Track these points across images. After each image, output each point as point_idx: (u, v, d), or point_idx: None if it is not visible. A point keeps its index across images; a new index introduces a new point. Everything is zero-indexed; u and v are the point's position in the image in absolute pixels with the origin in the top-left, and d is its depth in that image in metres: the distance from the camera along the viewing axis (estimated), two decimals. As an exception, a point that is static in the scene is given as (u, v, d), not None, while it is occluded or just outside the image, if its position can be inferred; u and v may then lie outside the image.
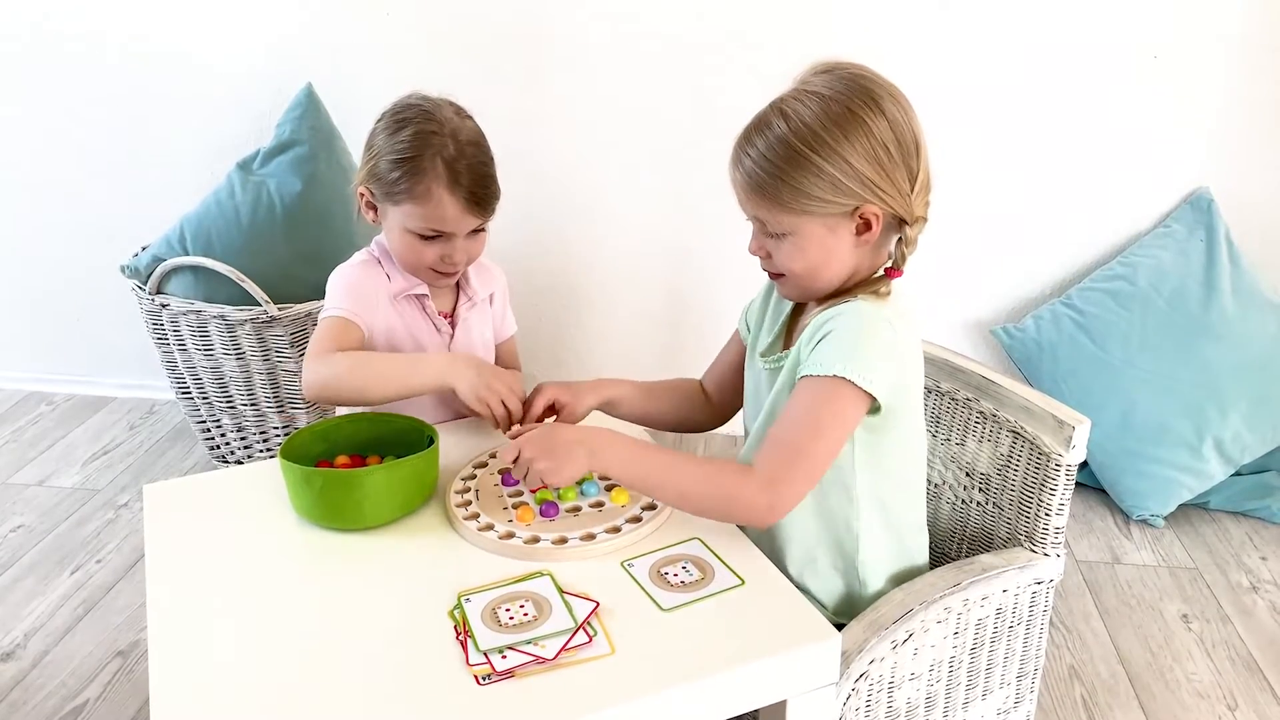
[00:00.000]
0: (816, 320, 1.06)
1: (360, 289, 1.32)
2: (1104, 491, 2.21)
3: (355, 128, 2.26)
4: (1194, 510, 2.17)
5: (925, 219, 1.07)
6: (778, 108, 1.04)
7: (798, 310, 1.19)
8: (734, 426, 1.27)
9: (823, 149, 1.00)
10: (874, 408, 1.04)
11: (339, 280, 1.34)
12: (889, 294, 1.07)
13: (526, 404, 1.22)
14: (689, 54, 2.23)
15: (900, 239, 1.07)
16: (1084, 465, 2.19)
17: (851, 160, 1.00)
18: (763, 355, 1.19)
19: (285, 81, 2.30)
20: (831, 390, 1.01)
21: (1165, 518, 2.13)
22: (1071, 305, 2.22)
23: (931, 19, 2.14)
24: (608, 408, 1.28)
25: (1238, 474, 2.15)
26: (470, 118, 1.31)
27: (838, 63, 1.05)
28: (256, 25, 2.34)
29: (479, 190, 1.25)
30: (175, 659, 0.89)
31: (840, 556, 1.14)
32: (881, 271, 1.10)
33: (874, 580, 1.15)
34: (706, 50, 2.22)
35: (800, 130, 1.01)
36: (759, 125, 1.05)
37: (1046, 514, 1.16)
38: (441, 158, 1.23)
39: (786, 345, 1.18)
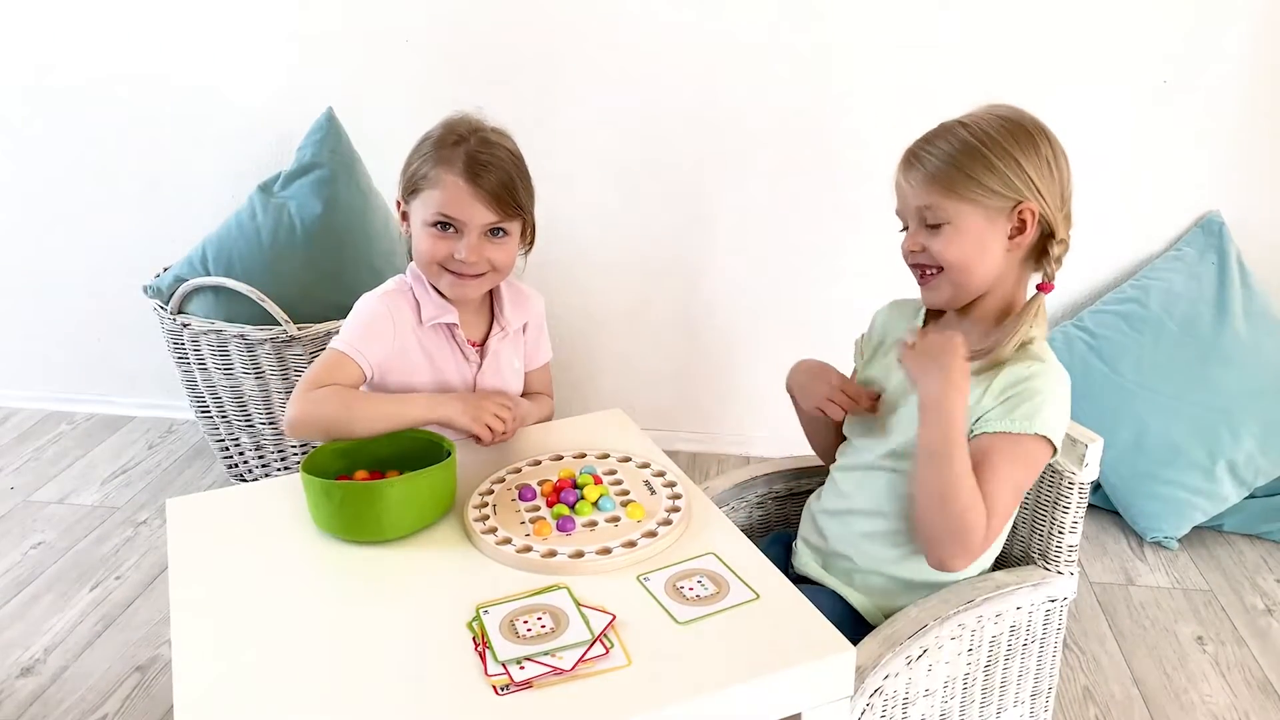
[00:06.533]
0: (1014, 374, 1.11)
1: (375, 324, 1.32)
2: (1117, 514, 2.21)
3: (375, 151, 2.30)
4: (1208, 532, 2.16)
5: (1068, 243, 1.14)
6: (957, 120, 1.15)
7: (930, 319, 1.25)
8: (744, 447, 1.27)
9: (995, 148, 1.11)
10: None
11: (356, 312, 1.34)
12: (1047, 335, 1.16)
13: (854, 395, 1.22)
14: (707, 78, 2.26)
15: (1046, 253, 1.14)
16: (1097, 487, 2.19)
17: (1021, 161, 1.10)
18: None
19: (306, 105, 2.34)
20: (1034, 451, 1.09)
21: (1179, 540, 2.13)
22: (1083, 327, 2.23)
23: (944, 44, 2.17)
24: None
25: (1252, 496, 2.14)
26: (509, 138, 1.33)
27: (1007, 104, 1.16)
28: (278, 51, 2.38)
29: (493, 182, 1.26)
30: (198, 669, 0.90)
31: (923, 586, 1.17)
32: (1034, 289, 1.15)
33: None
34: (723, 74, 2.25)
35: (978, 133, 1.12)
36: (939, 131, 1.15)
37: (1060, 532, 1.17)
38: (463, 148, 1.27)
39: None
